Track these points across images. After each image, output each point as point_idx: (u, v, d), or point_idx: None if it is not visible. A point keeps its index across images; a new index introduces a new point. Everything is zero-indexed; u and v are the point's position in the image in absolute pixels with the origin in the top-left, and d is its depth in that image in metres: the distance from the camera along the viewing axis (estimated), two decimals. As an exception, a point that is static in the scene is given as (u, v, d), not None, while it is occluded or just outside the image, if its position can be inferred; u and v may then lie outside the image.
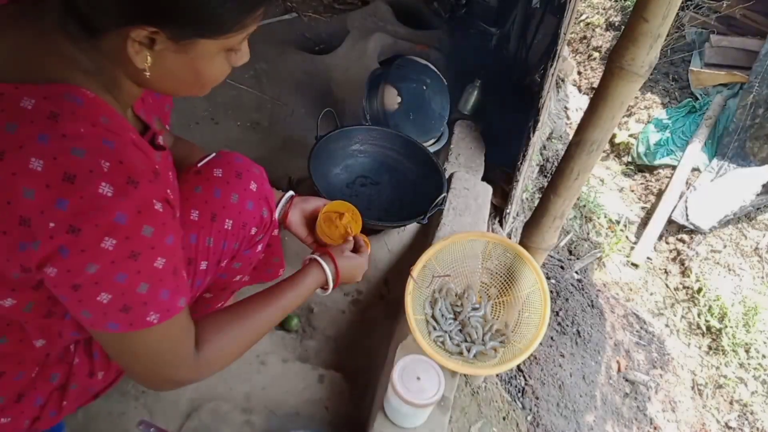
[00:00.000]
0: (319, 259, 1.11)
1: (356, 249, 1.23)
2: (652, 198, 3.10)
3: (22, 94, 0.64)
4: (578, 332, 2.18)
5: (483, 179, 1.96)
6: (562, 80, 3.57)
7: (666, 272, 2.77)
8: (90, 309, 0.70)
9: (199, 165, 1.05)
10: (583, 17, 4.22)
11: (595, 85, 1.26)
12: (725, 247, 2.79)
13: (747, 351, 2.44)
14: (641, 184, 3.22)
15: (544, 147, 2.91)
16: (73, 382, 0.93)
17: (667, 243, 2.87)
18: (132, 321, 0.71)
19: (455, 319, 1.41)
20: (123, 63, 0.70)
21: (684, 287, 2.69)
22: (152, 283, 0.71)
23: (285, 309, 1.01)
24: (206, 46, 0.71)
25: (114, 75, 0.73)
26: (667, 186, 3.03)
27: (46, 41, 0.68)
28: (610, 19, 4.15)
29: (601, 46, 4.01)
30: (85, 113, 0.66)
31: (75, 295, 0.68)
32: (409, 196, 1.83)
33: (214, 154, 1.07)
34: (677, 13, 1.18)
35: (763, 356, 2.42)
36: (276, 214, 1.15)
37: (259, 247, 1.14)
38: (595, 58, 3.95)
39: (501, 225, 2.00)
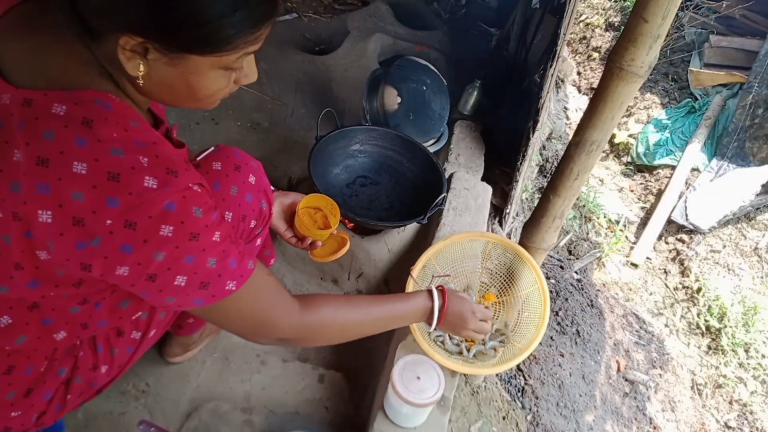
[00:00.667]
0: (433, 289, 1.15)
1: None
2: (652, 198, 3.10)
3: (52, 101, 0.66)
4: (578, 332, 2.18)
5: (483, 179, 1.97)
6: (562, 80, 3.58)
7: (665, 272, 2.78)
8: (172, 294, 0.75)
9: (198, 159, 1.05)
10: (583, 17, 4.23)
11: (595, 86, 1.27)
12: (725, 247, 2.79)
13: (746, 351, 2.45)
14: (641, 184, 3.22)
15: (544, 147, 2.91)
16: (77, 376, 0.93)
17: (667, 243, 2.88)
18: (214, 293, 0.77)
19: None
20: (119, 68, 0.70)
21: (683, 287, 2.69)
22: (218, 256, 0.75)
23: (391, 319, 1.07)
24: (197, 62, 0.70)
25: (120, 78, 0.73)
26: (666, 186, 3.04)
27: (63, 44, 0.69)
28: (610, 20, 4.15)
29: (600, 47, 4.01)
30: (116, 118, 0.68)
31: (154, 286, 0.72)
32: (409, 196, 1.83)
33: (212, 148, 1.07)
34: (677, 14, 1.18)
35: (763, 356, 2.43)
36: None
37: (259, 241, 1.15)
38: (594, 59, 3.96)
39: (501, 225, 2.01)
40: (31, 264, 0.70)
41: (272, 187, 1.24)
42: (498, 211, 2.02)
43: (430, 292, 1.14)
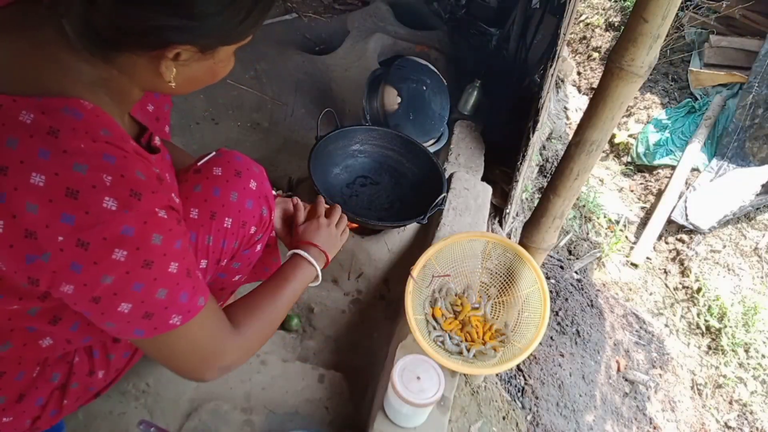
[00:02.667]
0: (299, 252, 1.12)
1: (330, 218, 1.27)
2: (652, 198, 3.10)
3: (21, 107, 0.64)
4: (578, 332, 2.18)
5: (483, 179, 1.97)
6: (562, 80, 3.58)
7: (665, 272, 2.78)
8: (113, 320, 0.72)
9: (198, 164, 1.04)
10: (583, 17, 4.23)
11: (595, 86, 1.27)
12: (725, 247, 2.79)
13: (746, 351, 2.45)
14: (641, 184, 3.22)
15: (544, 147, 2.91)
16: (73, 381, 0.93)
17: (667, 243, 2.88)
18: (156, 326, 0.74)
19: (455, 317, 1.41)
20: (139, 75, 0.72)
21: (683, 287, 2.69)
22: (170, 288, 0.73)
23: (296, 291, 1.06)
24: (226, 51, 0.77)
25: (121, 84, 0.73)
26: (666, 186, 3.04)
27: (45, 51, 0.68)
28: (610, 20, 4.15)
29: (600, 47, 4.01)
30: (85, 127, 0.66)
31: (96, 308, 0.70)
32: (409, 196, 1.83)
33: (214, 153, 1.06)
34: (677, 14, 1.18)
35: (763, 356, 2.43)
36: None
37: (258, 247, 1.14)
38: (594, 59, 3.96)
39: (501, 225, 2.01)
40: None
41: (274, 192, 1.24)
42: (498, 211, 2.02)
43: (298, 254, 1.11)
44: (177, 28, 0.66)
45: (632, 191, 3.20)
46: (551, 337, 2.10)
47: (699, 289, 2.61)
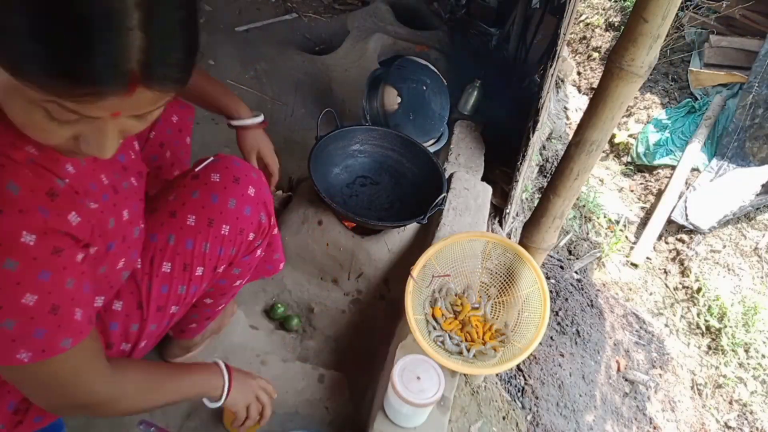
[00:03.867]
0: (219, 363, 1.04)
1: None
2: (652, 198, 3.10)
3: None
4: (578, 332, 2.18)
5: (483, 179, 1.97)
6: (562, 80, 3.58)
7: (665, 272, 2.78)
8: None
9: (196, 169, 1.04)
10: (583, 17, 4.23)
11: (595, 86, 1.27)
12: (725, 247, 2.79)
13: (746, 351, 2.45)
14: (641, 184, 3.22)
15: (544, 147, 2.91)
16: None
17: (667, 243, 2.88)
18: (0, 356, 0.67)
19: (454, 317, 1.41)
20: None
21: (683, 287, 2.69)
22: (20, 321, 0.65)
23: (191, 386, 0.96)
24: (11, 81, 0.58)
25: None
26: (666, 186, 3.04)
27: None
28: (610, 20, 4.15)
29: (600, 47, 4.01)
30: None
31: None
32: (409, 196, 1.83)
33: (212, 158, 1.05)
34: (677, 14, 1.18)
35: (763, 356, 2.43)
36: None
37: (258, 252, 1.13)
38: (594, 59, 3.96)
39: (501, 225, 2.01)
40: None
41: (261, 118, 1.24)
42: (498, 211, 2.02)
43: (217, 366, 1.03)
44: None
45: (632, 191, 3.20)
46: (551, 337, 2.10)
47: (699, 289, 2.62)
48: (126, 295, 0.95)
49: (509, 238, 2.10)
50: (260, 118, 1.27)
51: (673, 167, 3.12)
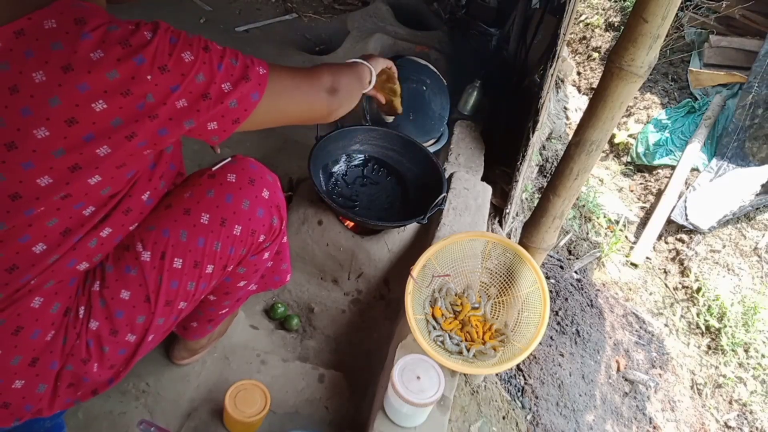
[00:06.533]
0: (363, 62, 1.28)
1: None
2: (652, 198, 3.10)
3: (40, 20, 0.71)
4: (578, 332, 2.18)
5: (483, 179, 1.97)
6: (562, 81, 3.58)
7: (665, 272, 2.78)
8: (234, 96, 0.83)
9: (213, 169, 1.06)
10: (583, 17, 4.23)
11: (595, 86, 1.27)
12: (724, 247, 2.79)
13: (746, 350, 2.45)
14: (640, 184, 3.22)
15: (544, 147, 2.91)
16: (69, 363, 0.93)
17: (667, 243, 2.88)
18: (260, 82, 0.87)
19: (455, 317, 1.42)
20: None
21: (683, 287, 2.69)
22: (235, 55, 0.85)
23: (360, 75, 1.23)
24: None
25: None
26: (666, 186, 3.04)
27: None
28: (610, 20, 4.15)
29: (600, 47, 4.01)
30: (94, 9, 0.74)
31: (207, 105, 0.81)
32: (409, 196, 1.84)
33: (229, 159, 1.07)
34: (677, 14, 1.18)
35: (762, 356, 2.43)
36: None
37: (266, 255, 1.14)
38: (594, 59, 3.96)
39: (500, 225, 2.01)
40: (87, 161, 0.76)
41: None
42: (498, 211, 2.02)
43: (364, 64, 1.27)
44: None
45: (632, 191, 3.20)
46: (551, 337, 2.10)
47: (699, 289, 2.62)
48: (133, 287, 0.97)
49: (509, 238, 2.10)
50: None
51: (673, 167, 3.13)
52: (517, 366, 1.93)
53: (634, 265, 2.78)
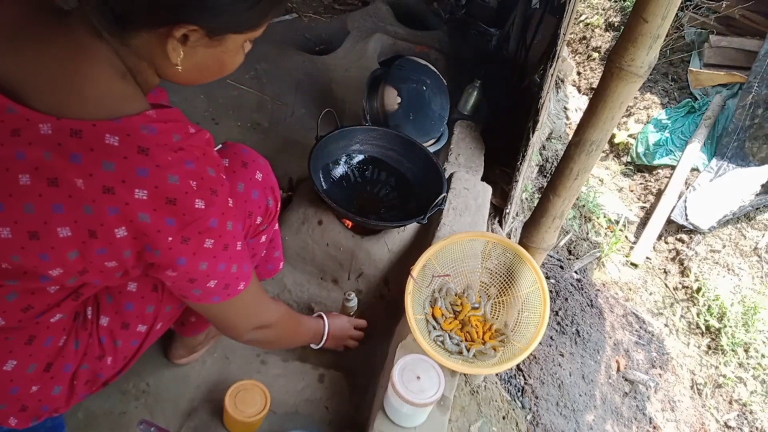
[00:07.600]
0: (324, 317, 1.42)
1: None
2: (652, 198, 3.10)
3: (102, 131, 0.70)
4: (578, 332, 2.18)
5: (483, 179, 1.97)
6: (562, 81, 3.58)
7: (665, 272, 2.78)
8: (202, 289, 0.86)
9: None
10: (583, 18, 4.23)
11: (595, 86, 1.27)
12: (724, 247, 2.79)
13: (746, 350, 2.45)
14: (640, 184, 3.22)
15: (544, 147, 2.91)
16: (84, 362, 0.94)
17: (667, 243, 2.88)
18: (230, 293, 0.90)
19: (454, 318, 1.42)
20: (152, 58, 0.75)
21: (683, 287, 2.69)
22: (238, 263, 0.88)
23: (307, 331, 1.35)
24: (235, 40, 0.78)
25: (141, 70, 0.77)
26: (666, 186, 3.04)
27: (83, 52, 0.72)
28: (610, 20, 4.15)
29: (600, 47, 4.01)
30: (164, 140, 0.74)
31: (190, 285, 0.85)
32: (409, 197, 1.84)
33: (221, 145, 1.09)
34: (677, 14, 1.18)
35: (762, 356, 2.43)
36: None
37: (263, 238, 1.16)
38: (594, 59, 3.96)
39: (500, 225, 2.01)
40: (96, 268, 0.78)
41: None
42: (498, 211, 2.02)
43: (320, 316, 1.42)
44: (183, 5, 0.69)
45: (632, 191, 3.20)
46: (551, 337, 2.10)
47: (699, 289, 2.62)
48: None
49: (509, 238, 2.10)
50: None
51: (673, 167, 3.13)
52: (517, 366, 1.93)
53: (634, 265, 2.78)
